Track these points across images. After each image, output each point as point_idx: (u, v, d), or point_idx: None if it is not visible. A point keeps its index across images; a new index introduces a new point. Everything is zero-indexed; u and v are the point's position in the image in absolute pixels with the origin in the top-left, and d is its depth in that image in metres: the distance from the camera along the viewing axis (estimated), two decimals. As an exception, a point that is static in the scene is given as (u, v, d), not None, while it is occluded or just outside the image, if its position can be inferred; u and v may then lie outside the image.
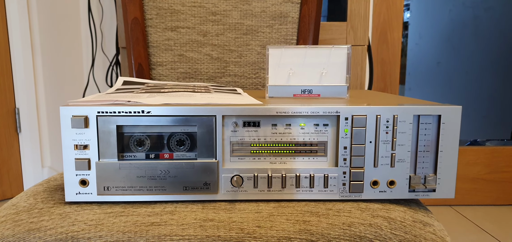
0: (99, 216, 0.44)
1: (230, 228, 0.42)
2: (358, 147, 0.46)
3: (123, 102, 0.45)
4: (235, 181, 0.46)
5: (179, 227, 0.42)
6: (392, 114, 0.45)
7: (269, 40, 0.89)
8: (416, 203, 0.50)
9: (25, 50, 1.53)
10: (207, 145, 0.45)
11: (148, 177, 0.46)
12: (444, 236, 0.44)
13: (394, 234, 0.43)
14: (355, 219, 0.44)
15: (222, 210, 0.45)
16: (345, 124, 0.45)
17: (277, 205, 0.46)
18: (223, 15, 0.88)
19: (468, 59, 1.58)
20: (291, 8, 0.88)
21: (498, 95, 1.60)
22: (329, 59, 0.56)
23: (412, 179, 0.47)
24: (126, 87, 0.63)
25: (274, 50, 0.57)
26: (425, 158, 0.46)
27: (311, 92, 0.56)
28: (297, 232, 0.42)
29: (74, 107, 0.44)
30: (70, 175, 0.45)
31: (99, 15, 1.41)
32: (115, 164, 0.45)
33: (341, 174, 0.46)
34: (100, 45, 1.42)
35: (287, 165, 0.47)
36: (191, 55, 0.89)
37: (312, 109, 0.45)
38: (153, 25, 0.87)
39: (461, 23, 1.56)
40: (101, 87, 1.45)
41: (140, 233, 0.41)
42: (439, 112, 0.45)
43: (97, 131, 0.44)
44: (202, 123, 0.45)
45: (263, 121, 0.46)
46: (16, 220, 0.44)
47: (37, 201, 0.48)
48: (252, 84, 0.91)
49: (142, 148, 0.46)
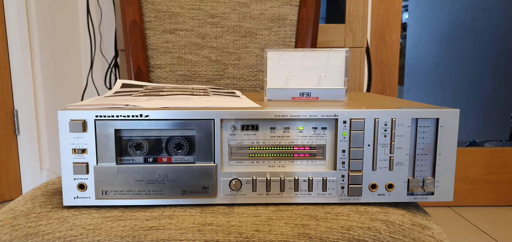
0: (97, 220, 0.43)
1: (229, 233, 0.42)
2: (357, 150, 0.46)
3: (121, 106, 0.45)
4: (233, 184, 0.46)
5: (177, 231, 0.42)
6: (390, 117, 0.45)
7: (267, 42, 0.89)
8: (415, 206, 0.50)
9: (24, 52, 1.53)
10: (206, 148, 0.45)
11: (146, 181, 0.45)
12: (443, 239, 0.44)
13: (392, 237, 0.43)
14: (353, 223, 0.44)
15: (220, 214, 0.45)
16: (343, 127, 0.45)
17: (275, 209, 0.46)
18: (222, 17, 0.88)
19: (466, 61, 1.58)
20: (289, 10, 0.88)
21: (497, 96, 1.60)
22: (328, 62, 0.56)
23: (410, 182, 0.47)
24: (124, 90, 0.63)
25: (272, 53, 0.57)
26: (423, 161, 0.46)
27: (309, 95, 0.56)
28: (296, 236, 0.42)
29: (72, 111, 0.44)
30: (68, 179, 0.45)
31: (98, 18, 1.41)
32: (113, 168, 0.45)
33: (340, 177, 0.46)
34: (99, 48, 1.42)
35: (286, 169, 0.47)
36: (190, 58, 0.89)
37: (310, 112, 0.45)
38: (152, 27, 0.87)
39: (459, 25, 1.56)
40: (100, 89, 1.45)
41: (138, 238, 0.41)
42: (437, 115, 0.45)
43: (95, 134, 0.44)
44: (200, 127, 0.45)
45: (261, 124, 0.46)
46: (13, 224, 0.43)
47: (35, 205, 0.48)
48: (251, 87, 0.91)
49: (140, 152, 0.46)
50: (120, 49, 1.17)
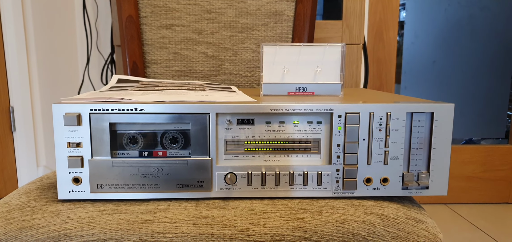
0: (92, 213, 0.43)
1: (224, 226, 0.42)
2: (352, 144, 0.46)
3: (116, 100, 0.45)
4: (228, 178, 0.46)
5: (172, 224, 0.42)
6: (385, 111, 0.45)
7: (264, 38, 0.89)
8: (409, 200, 0.50)
9: (20, 48, 1.52)
10: (201, 142, 0.45)
11: (142, 175, 0.45)
12: (437, 233, 0.45)
13: (387, 231, 0.43)
14: (348, 216, 0.44)
15: (215, 207, 0.45)
16: (338, 121, 0.45)
17: (270, 203, 0.46)
18: (218, 13, 0.88)
19: (463, 58, 1.59)
20: (286, 6, 0.88)
21: (493, 94, 1.61)
22: (323, 57, 0.56)
23: (405, 176, 0.47)
24: (120, 85, 0.63)
25: (268, 48, 0.57)
26: (418, 155, 0.47)
27: (305, 90, 0.56)
28: (291, 229, 0.42)
29: (66, 105, 0.44)
30: (63, 173, 0.45)
31: (94, 13, 1.40)
32: (108, 161, 0.45)
33: (335, 171, 0.47)
34: (95, 43, 1.42)
35: (281, 163, 0.47)
36: (186, 53, 0.88)
37: (305, 107, 0.45)
38: (148, 23, 0.87)
39: (456, 23, 1.56)
40: (96, 85, 1.44)
41: (133, 231, 0.41)
42: (432, 110, 0.45)
43: (90, 128, 0.44)
44: (195, 121, 0.45)
45: (256, 118, 0.46)
46: (8, 218, 0.43)
47: (30, 199, 0.47)
48: (248, 83, 0.91)
49: (136, 146, 0.46)
50: (117, 45, 1.17)
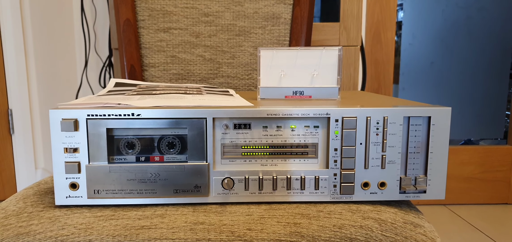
0: (89, 219, 0.43)
1: (221, 231, 0.42)
2: (349, 148, 0.46)
3: (113, 105, 0.45)
4: (226, 183, 0.46)
5: (169, 230, 0.42)
6: (382, 116, 0.45)
7: (261, 41, 0.89)
8: (407, 204, 0.50)
9: (18, 51, 1.52)
10: (198, 147, 0.45)
11: (139, 180, 0.45)
12: (435, 237, 0.45)
13: (384, 235, 0.43)
14: (346, 221, 0.44)
15: (212, 213, 0.45)
16: (335, 126, 0.45)
17: (268, 208, 0.46)
18: (216, 16, 0.88)
19: (461, 59, 1.59)
20: (283, 9, 0.88)
21: (492, 94, 1.61)
22: (320, 60, 0.56)
23: (402, 181, 0.47)
24: (117, 89, 0.63)
25: (265, 51, 0.57)
26: (415, 159, 0.47)
27: (302, 93, 0.56)
28: (288, 234, 0.42)
29: (63, 111, 0.43)
30: (60, 178, 0.45)
31: (92, 16, 1.40)
32: (105, 167, 0.45)
33: (332, 176, 0.46)
34: (94, 46, 1.42)
35: (278, 167, 0.47)
36: (184, 57, 0.88)
37: (302, 111, 0.45)
38: (146, 26, 0.87)
39: (454, 24, 1.56)
40: (95, 88, 1.44)
41: (130, 237, 0.41)
42: (429, 114, 0.45)
43: (87, 134, 0.44)
44: (192, 125, 0.45)
45: (254, 123, 0.46)
46: (4, 224, 0.43)
47: (27, 204, 0.47)
48: (245, 86, 0.91)
49: (133, 151, 0.46)
50: (115, 48, 1.17)
